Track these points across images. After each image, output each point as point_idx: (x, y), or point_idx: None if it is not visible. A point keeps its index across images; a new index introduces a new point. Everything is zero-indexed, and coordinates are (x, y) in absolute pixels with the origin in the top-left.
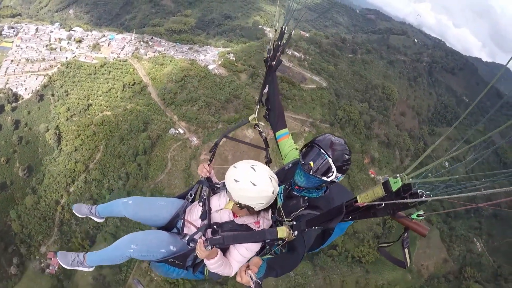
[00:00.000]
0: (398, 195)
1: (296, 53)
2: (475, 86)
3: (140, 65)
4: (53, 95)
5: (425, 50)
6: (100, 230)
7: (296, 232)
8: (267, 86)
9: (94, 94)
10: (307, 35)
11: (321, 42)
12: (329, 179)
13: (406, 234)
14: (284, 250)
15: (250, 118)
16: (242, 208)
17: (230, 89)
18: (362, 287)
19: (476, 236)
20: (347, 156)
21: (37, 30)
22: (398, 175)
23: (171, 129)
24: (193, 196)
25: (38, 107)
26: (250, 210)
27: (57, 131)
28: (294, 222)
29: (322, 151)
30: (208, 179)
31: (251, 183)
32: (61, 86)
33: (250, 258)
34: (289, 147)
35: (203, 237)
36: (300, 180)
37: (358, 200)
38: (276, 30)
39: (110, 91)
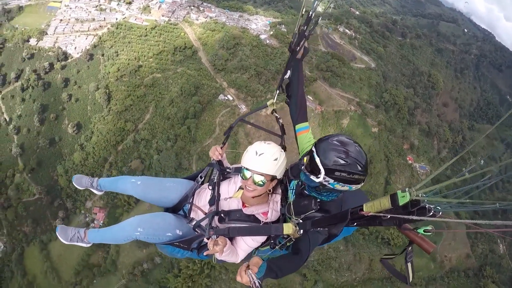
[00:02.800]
0: (406, 209)
1: (347, 30)
2: None
3: (191, 30)
4: (103, 55)
5: (474, 42)
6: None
7: (301, 231)
8: (289, 72)
9: (144, 56)
10: (357, 12)
11: (372, 21)
12: (317, 180)
13: (410, 248)
14: (289, 244)
15: (268, 103)
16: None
17: (281, 60)
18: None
19: (500, 237)
20: (341, 161)
21: None
22: (407, 189)
23: (221, 95)
24: (203, 178)
25: (87, 66)
26: (275, 187)
27: (107, 90)
28: (300, 220)
29: (313, 148)
30: (220, 162)
31: (281, 151)
32: (111, 47)
33: (256, 248)
34: (308, 141)
35: (211, 232)
36: (302, 175)
37: (364, 209)
38: (302, 15)
39: (161, 54)
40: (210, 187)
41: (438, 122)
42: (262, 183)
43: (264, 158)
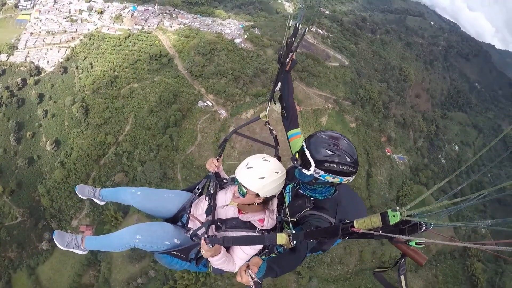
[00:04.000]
0: (397, 226)
1: (319, 30)
2: (488, 73)
3: (165, 37)
4: (77, 67)
5: (441, 33)
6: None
7: (294, 242)
8: (279, 83)
9: (120, 66)
10: (327, 12)
11: (342, 20)
12: (308, 173)
13: (403, 261)
14: (286, 250)
15: (261, 115)
16: (258, 202)
17: (257, 63)
18: (378, 257)
19: (481, 218)
20: (329, 152)
21: (55, 1)
22: (397, 208)
23: (200, 101)
24: (200, 190)
25: (62, 80)
26: (265, 202)
27: (84, 104)
28: (293, 231)
29: (303, 143)
30: (216, 174)
31: (275, 172)
32: (85, 59)
33: (252, 256)
34: (300, 146)
35: (205, 235)
36: (295, 171)
37: (355, 226)
38: (290, 27)
39: (136, 63)
40: (207, 198)
41: (412, 113)
42: (243, 194)
43: (249, 173)
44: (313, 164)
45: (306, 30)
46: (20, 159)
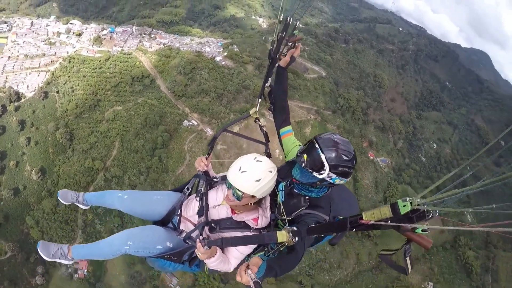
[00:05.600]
0: (405, 215)
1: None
2: (457, 72)
3: (146, 58)
4: (58, 92)
5: (409, 38)
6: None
7: (296, 238)
8: (270, 79)
9: (102, 89)
10: (300, 25)
11: (316, 32)
12: (320, 176)
13: (408, 246)
14: (282, 249)
15: (251, 111)
16: (253, 202)
17: (239, 80)
18: (375, 257)
19: (466, 208)
20: (345, 157)
21: (32, 24)
22: (407, 198)
23: (185, 121)
24: (189, 190)
25: (43, 105)
26: (260, 201)
27: (68, 129)
28: (294, 228)
29: (317, 145)
30: (206, 172)
31: (269, 172)
32: (66, 82)
33: (248, 255)
34: (292, 144)
35: (200, 237)
36: (295, 172)
37: (364, 218)
38: (280, 21)
39: (119, 85)
40: (198, 198)
41: (389, 117)
42: (239, 198)
43: (245, 177)
44: (327, 168)
45: (297, 24)
46: (5, 190)
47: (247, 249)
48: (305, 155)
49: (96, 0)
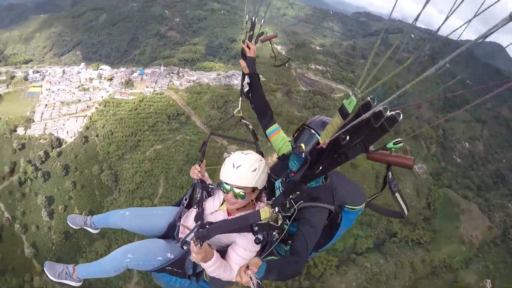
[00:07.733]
0: (368, 124)
1: (318, 66)
2: (475, 67)
3: (178, 96)
4: (97, 135)
5: (423, 43)
6: None
7: (277, 208)
8: (247, 78)
9: (140, 130)
10: (318, 48)
11: (335, 53)
12: None
13: (390, 174)
14: (286, 249)
15: (235, 111)
16: (253, 198)
17: (273, 108)
18: (429, 263)
19: (510, 202)
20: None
21: (64, 72)
22: (350, 92)
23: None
24: (187, 200)
25: (84, 149)
26: (260, 196)
27: (112, 171)
28: (273, 199)
29: (313, 131)
30: (202, 181)
31: (260, 160)
32: (103, 126)
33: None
34: (282, 140)
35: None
36: (294, 165)
37: (320, 141)
38: (247, 22)
39: (156, 125)
40: (195, 206)
41: (418, 124)
42: (242, 196)
43: (241, 171)
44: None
45: (263, 20)
46: (56, 234)
47: (248, 252)
48: (302, 144)
49: (118, 45)
